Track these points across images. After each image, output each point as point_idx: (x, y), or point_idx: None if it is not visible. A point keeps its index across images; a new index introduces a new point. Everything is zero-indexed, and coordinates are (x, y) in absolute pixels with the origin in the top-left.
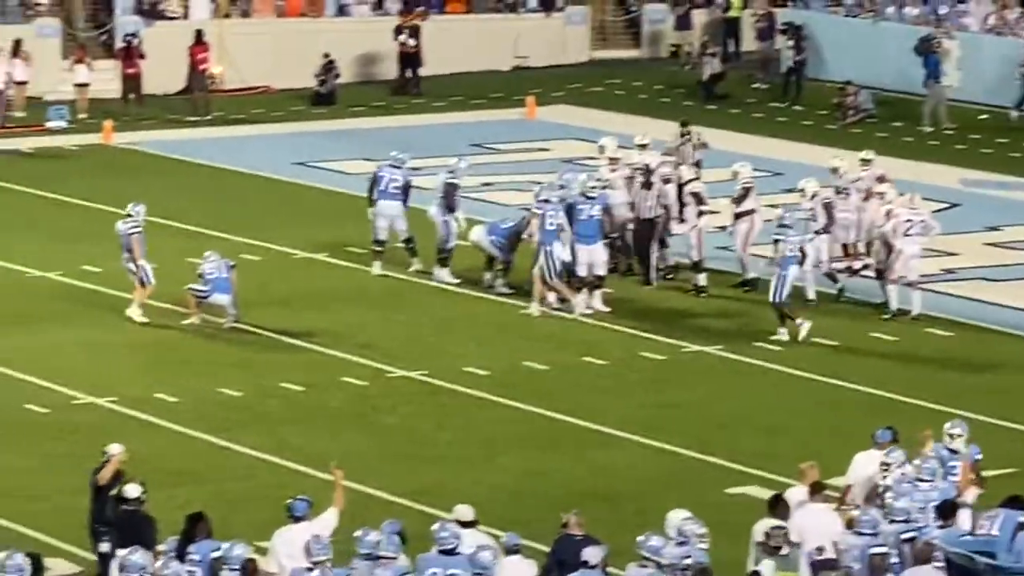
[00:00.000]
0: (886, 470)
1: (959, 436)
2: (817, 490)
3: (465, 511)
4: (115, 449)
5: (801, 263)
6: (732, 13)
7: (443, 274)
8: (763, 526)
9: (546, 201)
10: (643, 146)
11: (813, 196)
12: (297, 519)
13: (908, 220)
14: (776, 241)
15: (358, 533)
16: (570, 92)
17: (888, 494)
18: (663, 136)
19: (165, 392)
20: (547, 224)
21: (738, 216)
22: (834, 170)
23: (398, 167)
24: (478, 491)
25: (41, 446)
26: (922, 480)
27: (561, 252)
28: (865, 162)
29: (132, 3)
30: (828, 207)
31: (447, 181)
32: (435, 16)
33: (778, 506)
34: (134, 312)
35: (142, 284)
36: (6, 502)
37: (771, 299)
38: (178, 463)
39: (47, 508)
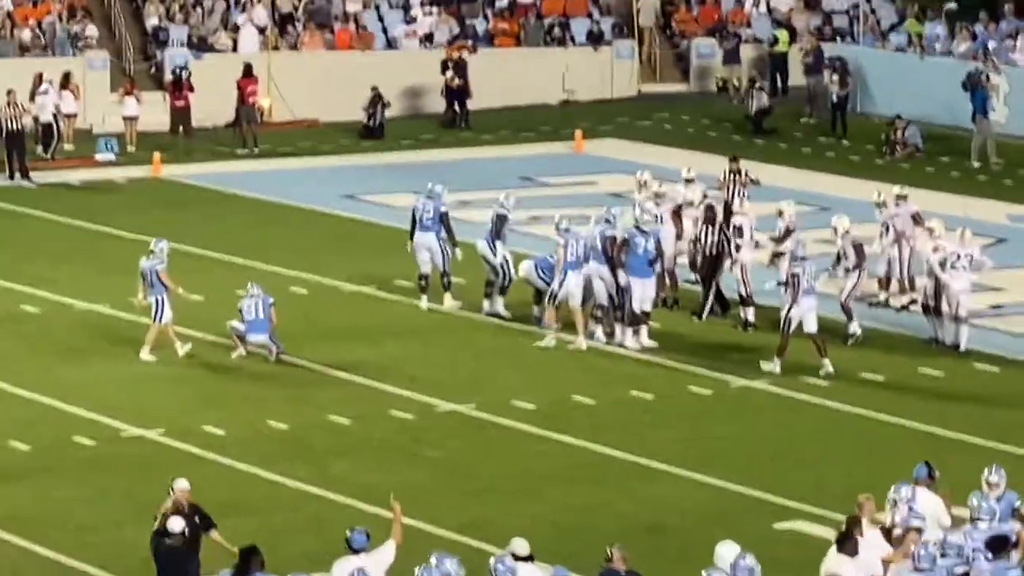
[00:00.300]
0: (894, 506)
1: (996, 485)
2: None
3: (521, 545)
4: (180, 484)
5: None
6: (779, 48)
7: (498, 306)
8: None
9: (567, 230)
10: (689, 180)
11: (844, 234)
12: (355, 551)
13: (955, 254)
14: (794, 274)
15: (432, 560)
16: (618, 126)
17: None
18: (711, 170)
19: (212, 424)
20: (569, 255)
21: (776, 255)
22: (878, 205)
23: (431, 198)
24: (524, 524)
25: (89, 478)
26: (979, 519)
27: (574, 283)
28: (900, 198)
29: (184, 36)
30: (858, 246)
31: (498, 213)
32: (484, 49)
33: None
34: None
35: (154, 320)
36: (55, 534)
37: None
38: (225, 495)
39: (96, 540)
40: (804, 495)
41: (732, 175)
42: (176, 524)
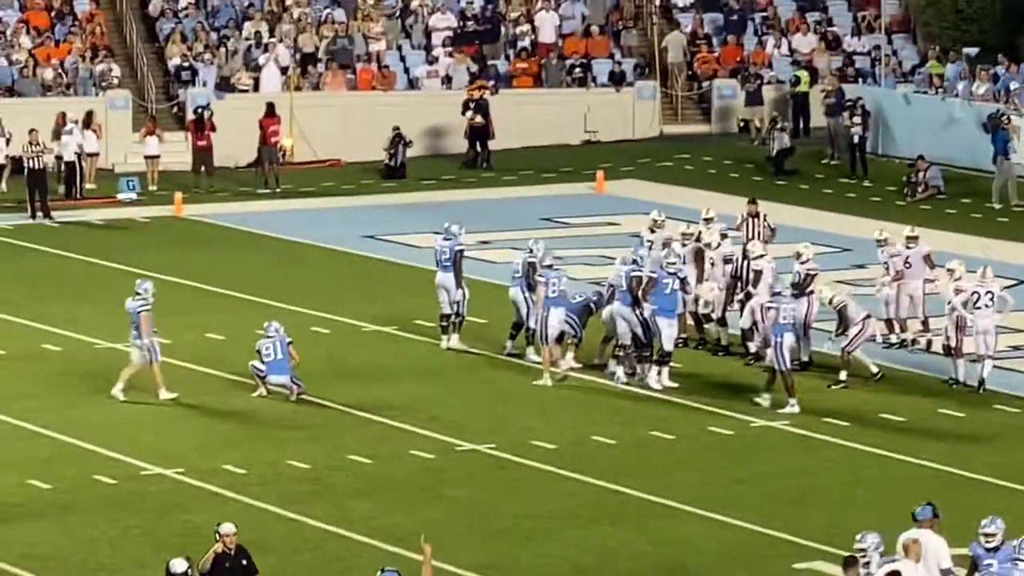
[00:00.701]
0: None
1: (992, 536)
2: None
3: None
4: (226, 528)
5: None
6: (801, 88)
7: (530, 353)
8: None
9: (549, 267)
10: (709, 220)
11: (828, 302)
12: None
13: (976, 293)
14: (768, 309)
15: None
16: (639, 167)
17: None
18: (733, 211)
19: (233, 463)
20: (550, 291)
21: (795, 297)
22: (879, 242)
23: (448, 239)
24: (545, 565)
25: (110, 517)
26: (1020, 560)
27: (556, 319)
28: (911, 239)
29: (207, 76)
30: (841, 310)
31: (528, 260)
32: (505, 90)
33: None
34: (119, 391)
35: (151, 363)
36: (75, 573)
37: (776, 367)
38: (245, 534)
39: None
40: (824, 535)
41: (751, 218)
42: (179, 566)
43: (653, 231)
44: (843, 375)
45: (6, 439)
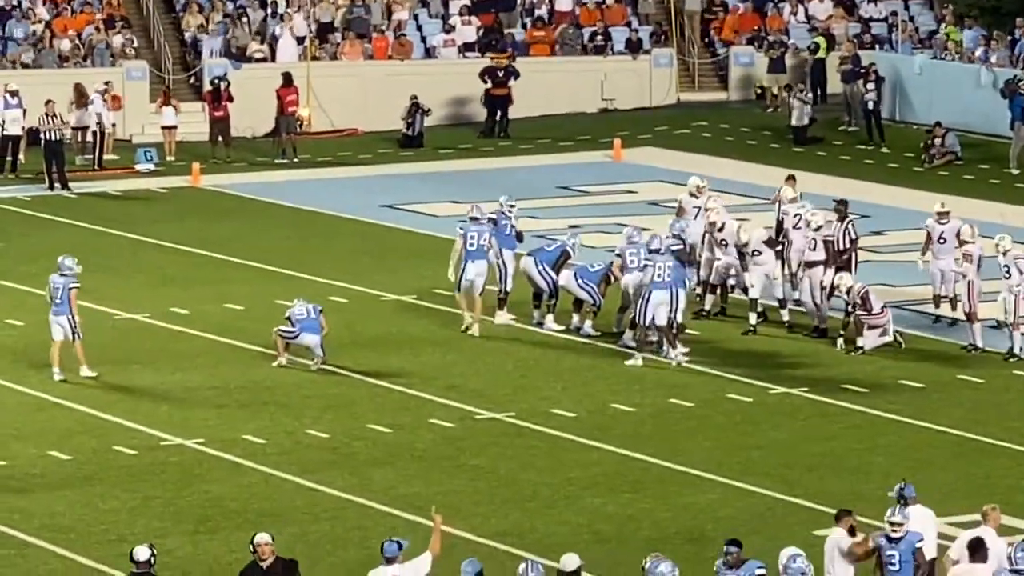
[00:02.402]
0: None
1: (899, 524)
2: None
3: (570, 560)
4: (260, 539)
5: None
6: (820, 55)
7: (549, 322)
8: None
9: (475, 220)
10: (699, 190)
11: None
12: (389, 560)
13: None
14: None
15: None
16: (657, 134)
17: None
18: (751, 178)
19: (252, 433)
20: (468, 244)
21: (809, 265)
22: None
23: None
24: (564, 533)
25: (129, 488)
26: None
27: (472, 272)
28: (942, 215)
29: (223, 46)
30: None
31: (566, 247)
32: (522, 59)
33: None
34: (57, 374)
35: (73, 340)
36: (96, 543)
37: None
38: (265, 504)
39: None
40: (843, 502)
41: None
42: (142, 553)
43: (695, 196)
44: (860, 341)
45: (26, 411)
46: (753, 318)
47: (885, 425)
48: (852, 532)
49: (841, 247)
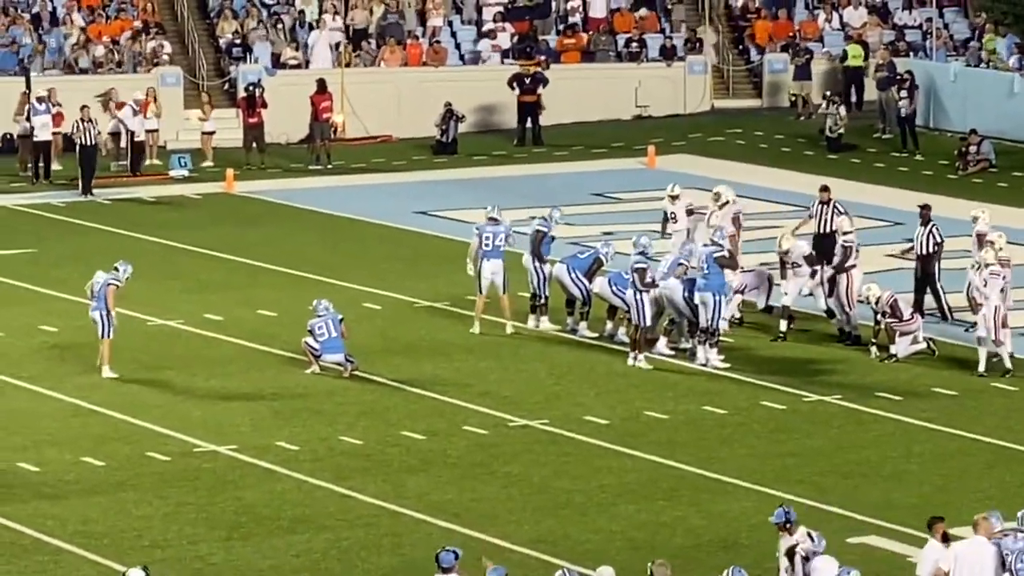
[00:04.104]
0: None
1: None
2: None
3: (606, 573)
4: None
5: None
6: (851, 63)
7: (583, 329)
8: None
9: (493, 220)
10: (675, 197)
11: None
12: (445, 570)
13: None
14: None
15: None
16: (691, 141)
17: None
18: (785, 185)
19: (286, 440)
20: (484, 243)
21: (838, 271)
22: (974, 219)
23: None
24: (598, 540)
25: (163, 494)
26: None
27: (488, 270)
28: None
29: (258, 52)
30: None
31: (538, 228)
32: (556, 66)
33: None
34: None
35: (102, 336)
36: (129, 549)
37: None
38: (298, 510)
39: (169, 556)
40: (876, 509)
41: (823, 205)
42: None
43: (720, 205)
44: (893, 348)
45: (60, 417)
46: (784, 325)
47: (919, 433)
48: (946, 539)
49: (925, 251)
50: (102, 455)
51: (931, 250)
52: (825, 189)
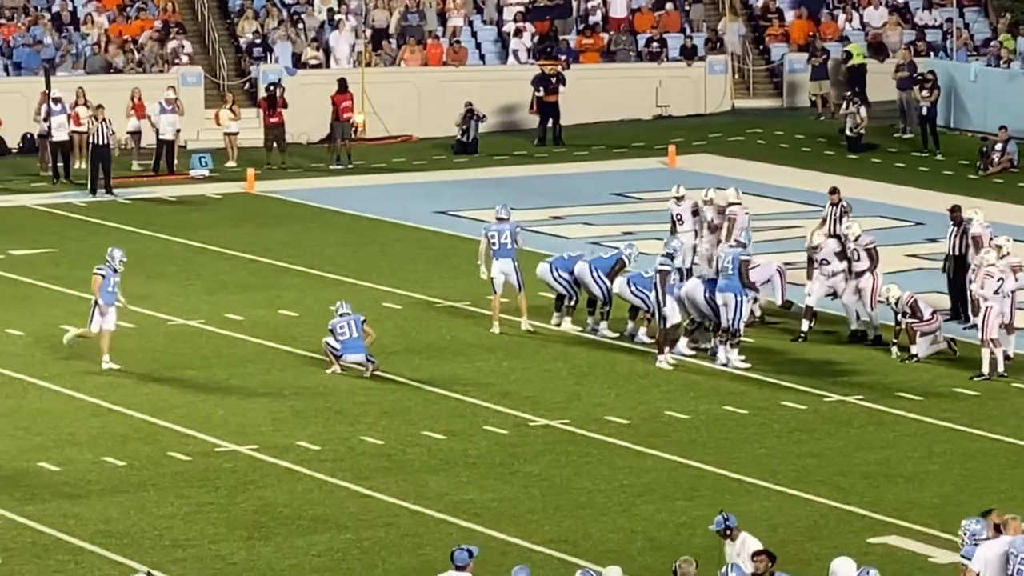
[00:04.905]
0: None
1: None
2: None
3: (612, 573)
4: None
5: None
6: (854, 61)
7: (603, 328)
8: None
9: (501, 220)
10: (679, 198)
11: (856, 238)
12: (459, 568)
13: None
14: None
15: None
16: (711, 141)
17: None
18: (804, 185)
19: (307, 440)
20: (491, 243)
21: (858, 275)
22: (968, 220)
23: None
24: (619, 540)
25: (184, 494)
26: None
27: (498, 269)
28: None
29: (279, 52)
30: (870, 250)
31: (621, 257)
32: (576, 66)
33: None
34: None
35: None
36: (149, 549)
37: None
38: (319, 510)
39: (190, 556)
40: (897, 510)
41: (832, 207)
42: None
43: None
44: (914, 349)
45: (80, 416)
46: (805, 325)
47: (940, 433)
48: (998, 530)
49: (957, 252)
50: (123, 455)
51: (964, 251)
52: (834, 191)
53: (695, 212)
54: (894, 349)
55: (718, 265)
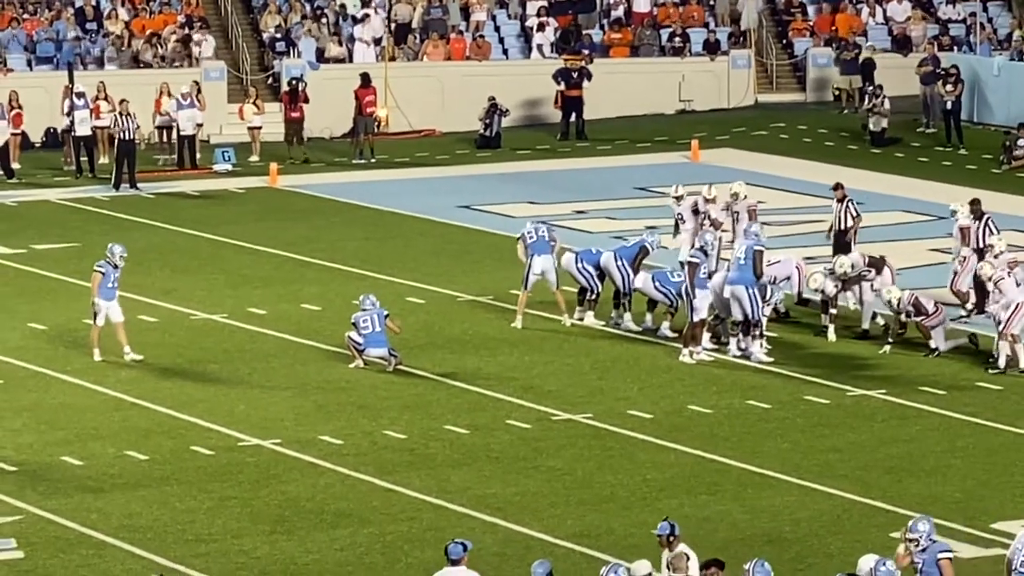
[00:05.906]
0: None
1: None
2: None
3: (642, 566)
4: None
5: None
6: (864, 54)
7: (627, 320)
8: None
9: (542, 223)
10: (679, 198)
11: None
12: (454, 562)
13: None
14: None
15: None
16: (734, 136)
17: None
18: (827, 179)
19: (330, 434)
20: (528, 238)
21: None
22: (952, 213)
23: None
24: (641, 535)
25: (206, 488)
26: None
27: (539, 267)
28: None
29: (302, 46)
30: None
31: (644, 244)
32: (599, 60)
33: None
34: (130, 355)
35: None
36: (172, 543)
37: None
38: (342, 504)
39: (213, 550)
40: (920, 504)
41: (838, 203)
42: None
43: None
44: (933, 344)
45: (103, 411)
46: (826, 319)
47: (963, 427)
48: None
49: (979, 245)
50: (146, 449)
51: (985, 243)
52: (838, 187)
53: (695, 211)
54: (887, 348)
55: (724, 256)
